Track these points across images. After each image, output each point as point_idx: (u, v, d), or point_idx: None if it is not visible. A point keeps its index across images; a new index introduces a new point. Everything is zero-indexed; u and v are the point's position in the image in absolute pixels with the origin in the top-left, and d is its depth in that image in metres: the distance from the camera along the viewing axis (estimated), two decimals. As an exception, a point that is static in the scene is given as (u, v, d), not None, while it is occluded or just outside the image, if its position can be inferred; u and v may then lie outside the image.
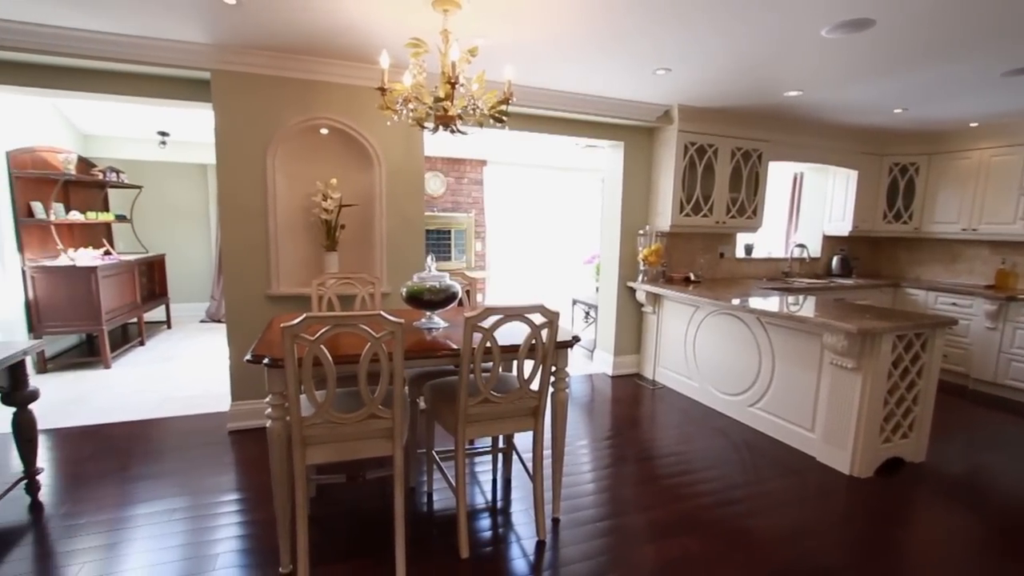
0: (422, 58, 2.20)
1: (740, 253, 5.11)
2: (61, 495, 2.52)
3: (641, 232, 4.43)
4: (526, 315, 1.98)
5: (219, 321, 6.44)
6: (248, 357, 1.83)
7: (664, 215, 4.31)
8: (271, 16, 2.51)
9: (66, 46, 2.75)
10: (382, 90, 2.17)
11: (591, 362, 5.01)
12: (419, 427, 2.71)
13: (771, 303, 3.44)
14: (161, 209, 6.53)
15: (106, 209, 5.77)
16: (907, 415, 3.01)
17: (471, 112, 2.19)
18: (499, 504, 2.58)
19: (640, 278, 4.43)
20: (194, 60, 2.96)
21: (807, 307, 3.28)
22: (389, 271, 3.54)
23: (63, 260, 4.51)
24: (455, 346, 2.08)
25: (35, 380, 2.66)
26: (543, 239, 7.79)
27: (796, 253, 5.35)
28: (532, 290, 7.71)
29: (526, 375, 2.10)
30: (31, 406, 2.42)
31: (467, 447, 2.20)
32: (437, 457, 2.55)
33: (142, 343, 5.40)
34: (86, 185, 5.34)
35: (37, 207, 4.43)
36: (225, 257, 3.21)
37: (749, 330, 3.53)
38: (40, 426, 2.53)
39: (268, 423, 1.87)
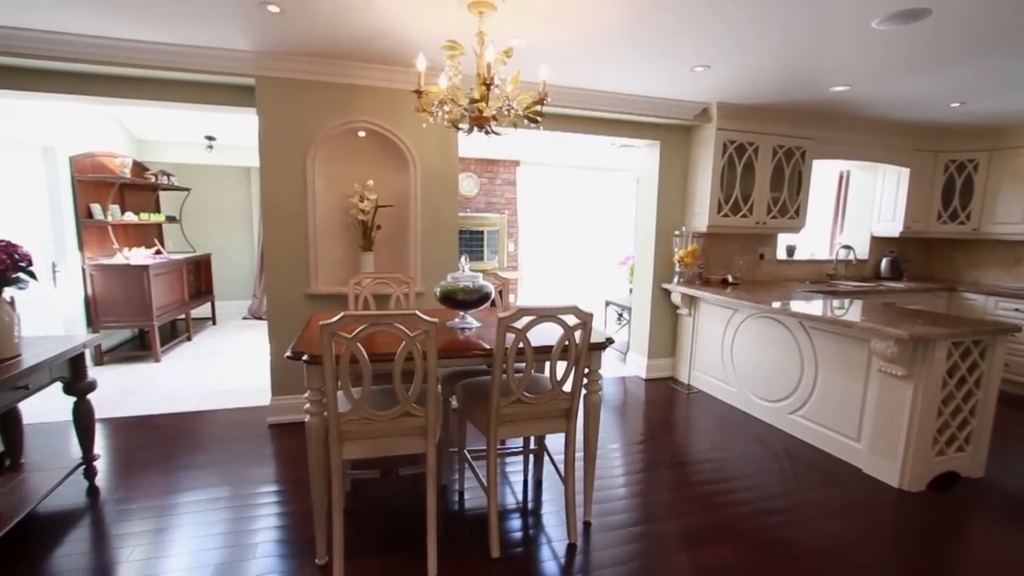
0: (458, 60, 2.22)
1: (781, 255, 4.94)
2: (115, 481, 2.66)
3: (677, 233, 4.34)
4: (559, 316, 1.97)
5: (260, 318, 6.67)
6: (288, 354, 1.88)
7: (701, 215, 4.21)
8: (312, 22, 2.58)
9: (123, 57, 2.91)
10: (418, 92, 2.20)
11: (624, 364, 4.95)
12: (451, 426, 2.73)
13: (815, 306, 3.31)
14: (207, 210, 6.82)
15: (157, 210, 6.06)
16: (963, 427, 2.84)
17: (505, 113, 2.19)
18: (530, 505, 2.57)
19: (675, 280, 4.35)
20: (239, 67, 3.08)
21: (853, 311, 3.14)
22: (423, 271, 3.58)
23: (119, 259, 4.77)
24: (488, 346, 2.08)
25: (93, 372, 2.81)
26: (576, 240, 7.73)
27: (842, 255, 5.13)
28: (564, 291, 7.67)
29: (559, 376, 2.09)
30: (89, 396, 2.56)
31: (499, 447, 2.20)
32: (469, 456, 2.56)
33: (189, 338, 5.65)
34: (140, 188, 5.63)
35: (96, 209, 4.69)
36: (267, 257, 3.32)
37: (791, 334, 3.40)
38: (96, 415, 2.68)
39: (306, 418, 1.92)
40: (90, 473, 2.59)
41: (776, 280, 4.81)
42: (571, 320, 2.00)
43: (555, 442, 3.09)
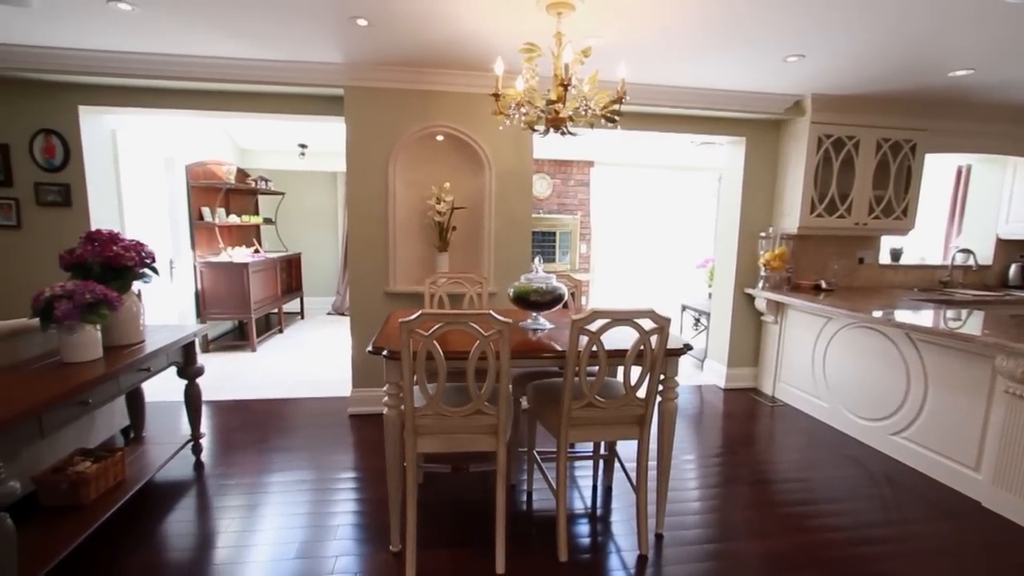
0: (535, 62, 2.23)
1: (884, 259, 4.49)
2: (216, 458, 2.93)
3: (763, 234, 4.07)
4: (635, 320, 1.91)
5: (343, 314, 7.08)
6: (369, 348, 1.98)
7: (791, 215, 3.92)
8: (396, 33, 2.70)
9: (232, 74, 3.20)
10: (495, 96, 2.23)
11: (701, 372, 4.72)
12: (521, 426, 2.74)
13: (925, 317, 2.97)
14: (299, 213, 7.34)
15: (256, 213, 6.62)
16: (1116, 463, 2.42)
17: (582, 113, 2.16)
18: (598, 511, 2.52)
19: (760, 284, 4.08)
20: (330, 78, 3.29)
21: (973, 323, 2.78)
22: (496, 271, 3.63)
23: (223, 257, 5.26)
24: (560, 348, 2.07)
25: (200, 359, 3.11)
26: (651, 242, 7.50)
27: (959, 260, 4.57)
28: (638, 294, 7.46)
29: (632, 382, 2.03)
30: (198, 380, 2.84)
31: (568, 451, 2.17)
32: (538, 457, 2.56)
33: (280, 331, 6.11)
34: (242, 192, 6.18)
35: (206, 211, 5.21)
36: (351, 256, 3.52)
37: (895, 347, 3.08)
38: (202, 398, 2.97)
39: (384, 410, 2.00)
40: (196, 449, 2.88)
41: (878, 287, 4.37)
42: (647, 324, 1.94)
43: (626, 449, 3.00)
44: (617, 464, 2.67)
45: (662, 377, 2.14)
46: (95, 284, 2.12)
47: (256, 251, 5.92)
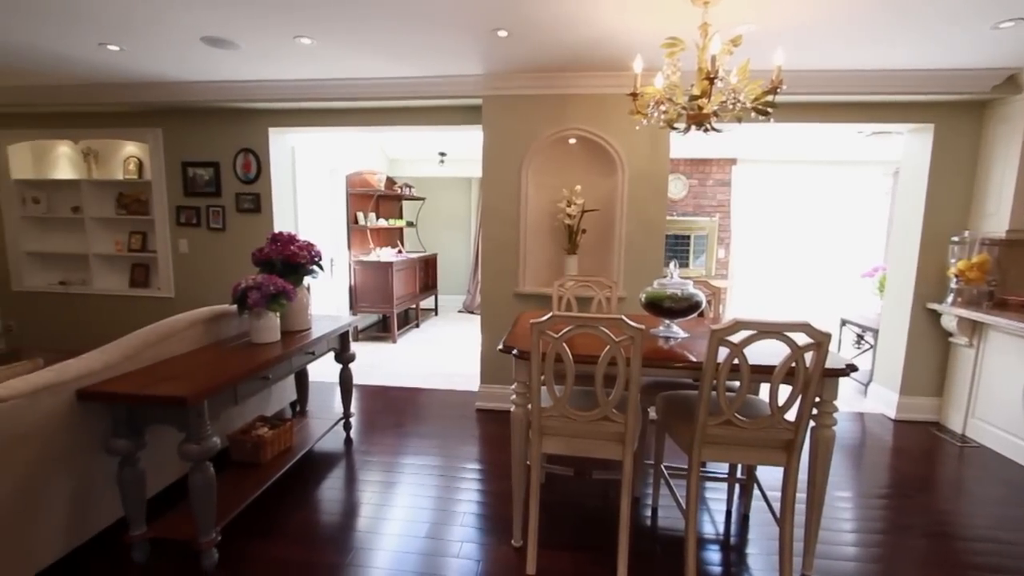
0: (677, 57, 2.11)
1: None
2: (361, 436, 3.26)
3: (956, 239, 3.39)
4: (786, 333, 1.71)
5: (472, 312, 7.45)
6: (500, 347, 2.04)
7: (998, 216, 3.21)
8: (535, 40, 2.76)
9: (385, 92, 3.57)
10: (633, 95, 2.17)
11: (864, 398, 4.09)
12: (648, 437, 2.63)
13: None
14: (436, 216, 7.89)
15: (400, 216, 7.27)
16: None
17: (730, 107, 2.00)
18: (732, 539, 2.31)
19: (950, 299, 3.41)
20: (471, 90, 3.48)
21: None
22: (625, 275, 3.53)
23: (373, 256, 5.86)
24: (695, 359, 1.93)
25: (352, 347, 3.49)
26: (804, 246, 6.70)
27: None
28: (785, 305, 6.72)
29: (780, 403, 1.82)
30: (351, 365, 3.19)
31: (700, 469, 2.02)
32: (665, 472, 2.42)
33: (417, 326, 6.63)
34: (389, 198, 6.82)
35: (360, 215, 5.85)
36: (483, 258, 3.69)
37: None
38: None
39: (512, 408, 2.05)
40: (347, 426, 3.23)
41: None
42: (800, 339, 1.72)
43: (768, 475, 2.71)
44: (757, 491, 2.42)
45: (817, 400, 1.89)
46: (277, 278, 2.48)
47: (399, 251, 6.50)
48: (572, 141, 3.55)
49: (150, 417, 1.90)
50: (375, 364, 4.87)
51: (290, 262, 2.65)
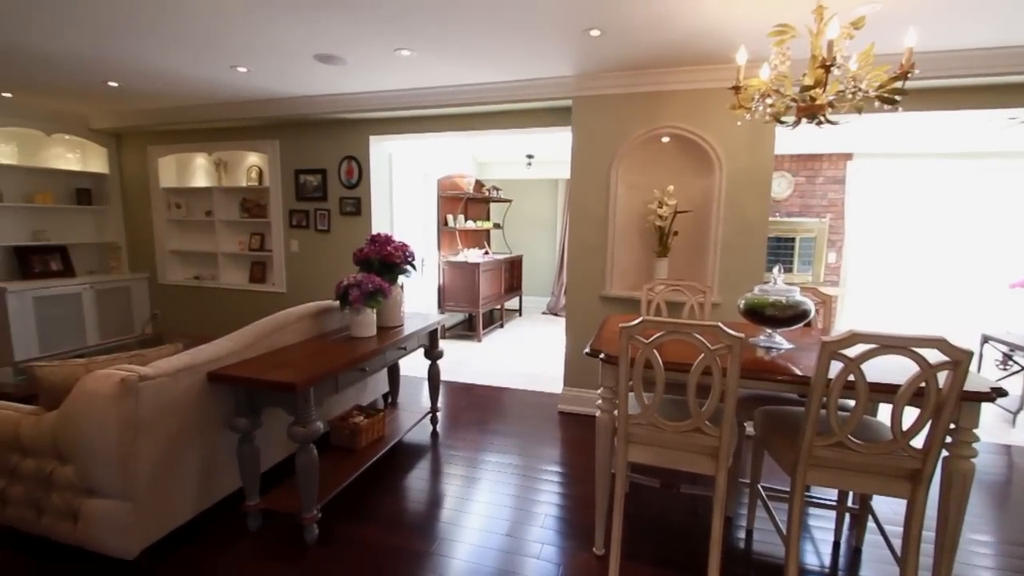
0: (786, 45, 1.95)
1: None
2: (447, 431, 3.37)
3: None
4: (914, 348, 1.51)
5: (556, 314, 7.43)
6: (586, 350, 2.01)
7: None
8: (628, 38, 2.69)
9: (476, 97, 3.67)
10: (736, 88, 2.04)
11: (1012, 429, 3.52)
12: (743, 454, 2.45)
13: None
14: (521, 217, 7.98)
15: (487, 218, 7.44)
16: None
17: (849, 96, 1.81)
18: (840, 574, 2.09)
19: None
20: (561, 91, 3.48)
21: None
22: (721, 280, 3.33)
23: (460, 257, 6.05)
24: (800, 372, 1.77)
25: (440, 344, 3.63)
26: (935, 251, 5.90)
27: None
28: (910, 317, 5.97)
29: (905, 427, 1.61)
30: (439, 362, 3.31)
31: (805, 494, 1.85)
32: (763, 493, 2.25)
33: (501, 326, 6.73)
34: (477, 200, 7.01)
35: (449, 218, 6.07)
36: (570, 259, 3.66)
37: None
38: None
39: (597, 413, 2.01)
40: (434, 420, 3.35)
41: None
42: (933, 356, 1.51)
43: (885, 507, 2.43)
44: (872, 523, 2.17)
45: (952, 427, 1.65)
46: (375, 276, 2.64)
47: (486, 252, 6.65)
48: (665, 139, 3.41)
49: (265, 400, 2.11)
50: (461, 361, 5.02)
51: (386, 262, 2.80)
